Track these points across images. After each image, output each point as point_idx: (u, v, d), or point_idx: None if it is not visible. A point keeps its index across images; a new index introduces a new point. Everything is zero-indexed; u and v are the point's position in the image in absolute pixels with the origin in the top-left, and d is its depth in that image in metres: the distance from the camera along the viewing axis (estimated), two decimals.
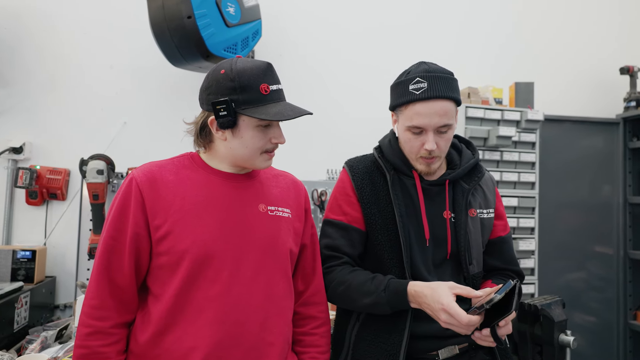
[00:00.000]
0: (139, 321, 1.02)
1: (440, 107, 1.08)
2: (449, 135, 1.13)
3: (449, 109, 1.09)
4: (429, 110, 1.08)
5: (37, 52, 2.37)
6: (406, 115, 1.13)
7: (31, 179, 2.19)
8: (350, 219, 1.19)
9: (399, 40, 2.76)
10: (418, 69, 1.12)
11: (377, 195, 1.19)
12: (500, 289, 0.92)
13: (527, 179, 2.53)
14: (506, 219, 1.31)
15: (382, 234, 1.16)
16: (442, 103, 1.08)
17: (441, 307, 0.96)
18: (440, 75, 1.10)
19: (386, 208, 1.17)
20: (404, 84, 1.12)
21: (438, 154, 1.13)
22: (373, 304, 1.09)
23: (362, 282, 1.11)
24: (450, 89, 1.09)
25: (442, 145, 1.12)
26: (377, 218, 1.17)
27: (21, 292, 1.90)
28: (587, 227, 2.91)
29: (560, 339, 1.38)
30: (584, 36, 3.02)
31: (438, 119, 1.08)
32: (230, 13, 1.99)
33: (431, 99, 1.07)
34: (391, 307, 1.08)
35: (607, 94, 3.00)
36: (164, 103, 2.45)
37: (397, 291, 1.06)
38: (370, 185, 1.20)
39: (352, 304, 1.16)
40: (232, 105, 0.96)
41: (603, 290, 2.89)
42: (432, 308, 1.00)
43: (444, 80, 1.09)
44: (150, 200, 0.99)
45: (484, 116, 2.47)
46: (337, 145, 2.56)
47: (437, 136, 1.11)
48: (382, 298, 1.07)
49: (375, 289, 1.09)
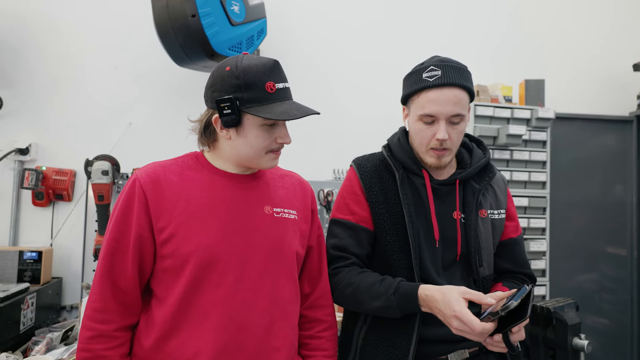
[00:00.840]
0: (142, 325, 1.00)
1: (454, 95, 1.06)
2: (461, 127, 1.10)
3: (462, 97, 1.07)
4: (442, 97, 1.06)
5: (41, 53, 2.37)
6: (418, 104, 1.11)
7: (37, 180, 2.19)
8: (358, 219, 1.16)
9: (406, 37, 2.73)
10: (432, 60, 1.12)
11: (385, 195, 1.16)
12: (516, 295, 0.90)
13: (538, 179, 2.49)
14: (518, 220, 1.27)
15: (391, 234, 1.14)
16: (456, 91, 1.06)
17: (453, 314, 0.93)
18: (454, 65, 1.09)
19: (395, 208, 1.14)
20: (417, 72, 1.11)
21: (449, 145, 1.10)
22: (382, 307, 1.06)
23: (371, 285, 1.09)
24: (464, 78, 1.08)
25: (453, 136, 1.09)
26: (386, 218, 1.14)
27: (27, 293, 1.90)
28: (599, 227, 2.85)
29: (574, 343, 1.36)
30: (596, 32, 2.96)
31: (451, 107, 1.06)
32: (234, 11, 1.98)
33: (445, 85, 1.06)
34: (401, 311, 1.05)
35: (620, 91, 2.94)
36: (168, 103, 2.44)
37: (408, 295, 1.03)
38: (379, 184, 1.17)
39: (360, 306, 1.13)
40: (236, 103, 0.94)
41: (616, 291, 2.84)
42: (443, 314, 0.97)
43: (458, 70, 1.08)
44: (153, 201, 0.97)
45: (493, 114, 2.43)
46: (344, 145, 2.53)
47: (449, 127, 1.08)
48: (392, 301, 1.04)
49: (384, 291, 1.06)
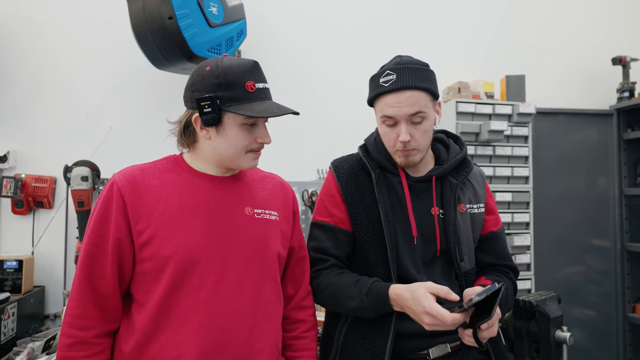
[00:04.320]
0: (123, 330, 0.98)
1: (408, 97, 1.08)
2: (425, 127, 1.11)
3: (419, 98, 1.09)
4: (398, 100, 1.08)
5: (19, 58, 2.33)
6: (379, 108, 1.13)
7: (16, 187, 2.15)
8: (336, 220, 1.18)
9: (388, 35, 2.74)
10: (390, 63, 1.14)
11: (362, 195, 1.17)
12: (481, 292, 0.91)
13: (521, 174, 2.51)
14: (498, 214, 1.28)
15: (368, 234, 1.15)
16: (411, 93, 1.08)
17: (423, 310, 0.95)
18: (410, 66, 1.10)
19: (372, 207, 1.15)
20: (376, 77, 1.13)
21: (415, 145, 1.11)
22: (357, 308, 1.08)
23: (347, 286, 1.10)
24: (420, 79, 1.09)
25: (417, 136, 1.10)
26: (363, 218, 1.15)
27: (7, 303, 1.86)
28: (583, 220, 2.89)
29: (556, 336, 1.37)
30: (575, 27, 3.01)
31: (407, 108, 1.08)
32: (213, 13, 1.96)
33: (399, 90, 1.08)
34: (375, 312, 1.07)
35: (599, 85, 2.98)
36: (149, 107, 2.42)
37: (379, 295, 1.05)
38: (355, 185, 1.18)
39: (338, 307, 1.14)
40: (216, 102, 0.94)
41: (601, 283, 2.87)
42: (414, 311, 0.99)
43: (415, 71, 1.09)
44: (132, 204, 0.96)
45: (475, 111, 2.45)
46: (327, 145, 2.53)
47: (412, 127, 1.10)
48: (366, 302, 1.06)
49: (358, 292, 1.07)
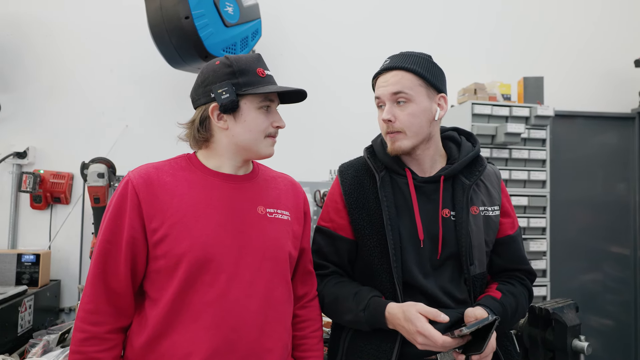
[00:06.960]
0: (135, 326, 1.00)
1: (392, 76, 1.10)
2: (410, 110, 1.09)
3: (402, 77, 1.09)
4: (384, 80, 1.12)
5: (38, 57, 2.39)
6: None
7: (35, 183, 2.20)
8: (335, 227, 1.16)
9: (403, 34, 2.72)
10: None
11: (365, 199, 1.14)
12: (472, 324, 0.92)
13: (538, 177, 2.46)
14: (514, 216, 1.23)
15: (372, 239, 1.12)
16: (395, 72, 1.10)
17: (416, 330, 0.97)
18: (406, 53, 1.13)
19: (375, 211, 1.12)
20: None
21: (399, 127, 1.09)
22: (353, 321, 1.09)
23: (345, 297, 1.10)
24: (409, 63, 1.10)
25: (402, 118, 1.09)
26: (365, 223, 1.13)
27: (25, 295, 1.90)
28: (602, 226, 2.82)
29: (573, 345, 1.33)
30: (596, 28, 2.93)
31: (390, 87, 1.10)
32: (228, 13, 1.97)
33: (386, 70, 1.12)
34: (370, 328, 1.07)
35: (621, 88, 2.90)
36: (164, 106, 2.45)
37: (375, 314, 1.05)
38: (359, 189, 1.16)
39: (336, 317, 1.15)
40: (233, 87, 0.98)
41: (619, 292, 2.80)
42: (407, 330, 1.00)
43: (407, 56, 1.12)
44: (146, 202, 0.96)
45: (491, 113, 2.41)
46: (340, 145, 2.50)
47: (396, 107, 1.10)
48: (361, 318, 1.06)
49: (355, 306, 1.07)
